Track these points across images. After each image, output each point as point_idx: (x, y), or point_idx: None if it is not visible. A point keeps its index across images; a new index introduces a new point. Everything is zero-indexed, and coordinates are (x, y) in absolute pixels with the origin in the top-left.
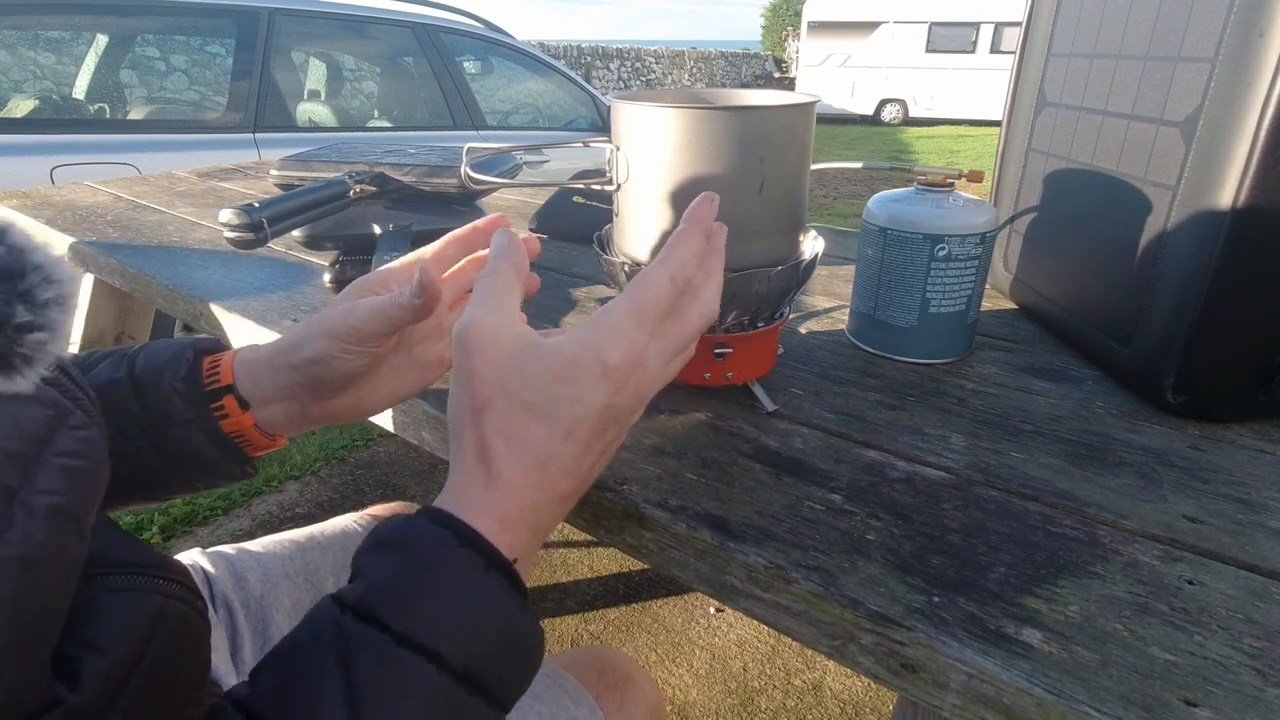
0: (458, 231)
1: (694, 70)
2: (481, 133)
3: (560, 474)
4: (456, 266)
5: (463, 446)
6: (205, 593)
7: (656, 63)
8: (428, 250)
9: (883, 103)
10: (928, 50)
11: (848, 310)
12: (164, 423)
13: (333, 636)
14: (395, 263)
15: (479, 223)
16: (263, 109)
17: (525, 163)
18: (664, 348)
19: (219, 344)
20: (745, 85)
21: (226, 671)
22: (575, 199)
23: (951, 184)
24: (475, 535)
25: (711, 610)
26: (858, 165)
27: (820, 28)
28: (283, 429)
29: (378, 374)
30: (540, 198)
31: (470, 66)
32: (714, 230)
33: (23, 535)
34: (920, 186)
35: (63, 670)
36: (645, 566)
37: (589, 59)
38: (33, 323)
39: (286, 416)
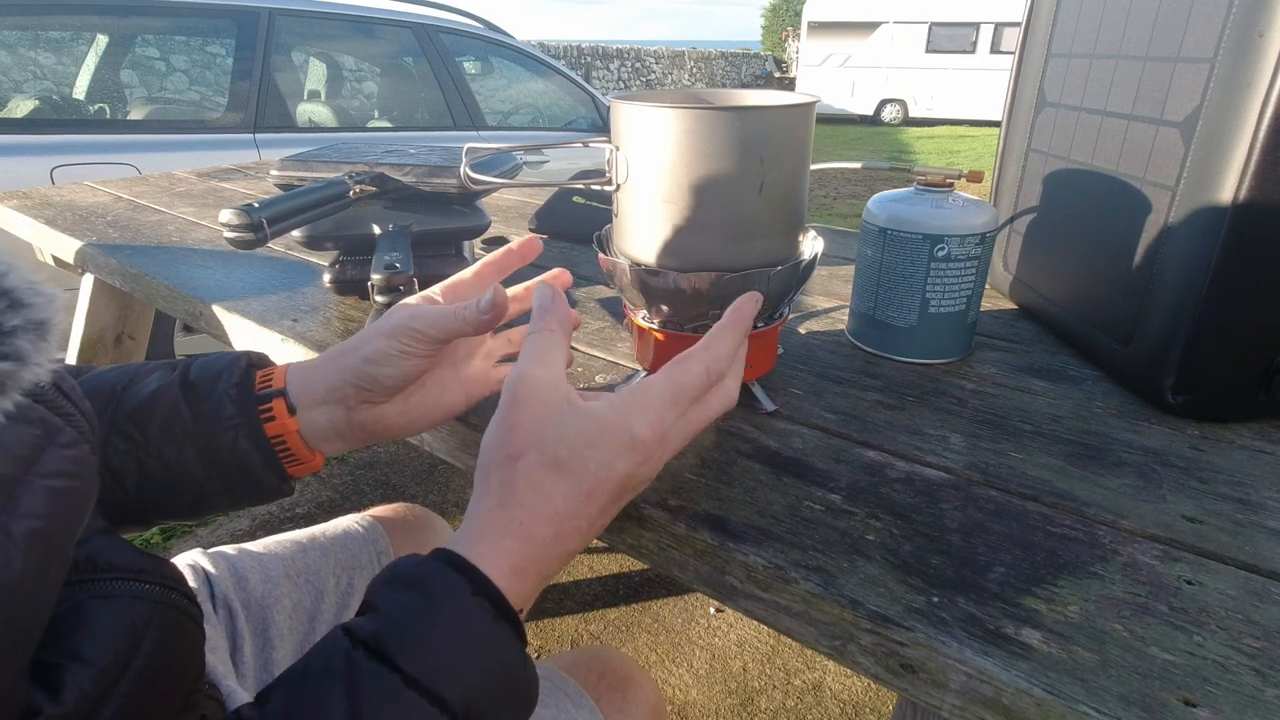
0: (491, 256)
1: (694, 70)
2: (481, 133)
3: (572, 532)
4: (514, 291)
5: (488, 489)
6: (205, 593)
7: (656, 63)
8: (468, 273)
9: (883, 103)
10: (928, 50)
11: (847, 310)
12: (212, 426)
13: (343, 669)
14: (437, 286)
15: (511, 245)
16: (263, 109)
17: (525, 163)
18: (685, 427)
19: (268, 359)
20: (745, 85)
21: (226, 672)
22: (575, 199)
23: (951, 184)
24: (488, 583)
25: (711, 610)
26: (858, 165)
27: (820, 28)
28: (326, 441)
29: (424, 387)
30: (540, 198)
31: (470, 67)
32: (750, 328)
33: (1, 562)
34: (920, 186)
35: (44, 679)
36: (645, 566)
37: (589, 59)
38: None
39: (331, 424)
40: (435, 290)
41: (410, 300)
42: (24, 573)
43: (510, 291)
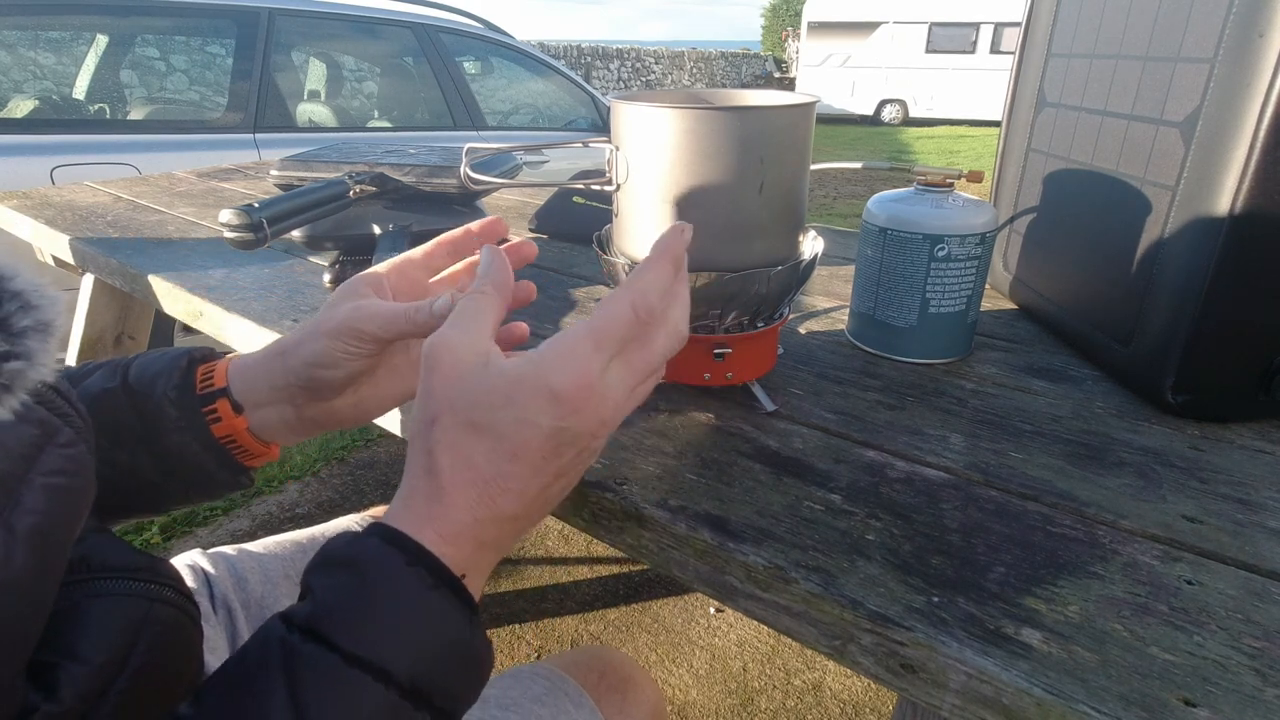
0: (448, 234)
1: (694, 70)
2: (481, 133)
3: (504, 493)
4: (449, 272)
5: (414, 458)
6: (205, 593)
7: (656, 63)
8: (418, 252)
9: (883, 103)
10: (928, 50)
11: (847, 310)
12: (158, 431)
13: (281, 656)
14: (384, 264)
15: (471, 226)
16: (263, 109)
17: (525, 163)
18: (627, 373)
19: (214, 352)
20: (745, 85)
21: None
22: (575, 199)
23: (951, 184)
24: (423, 552)
25: (711, 610)
26: (858, 165)
27: (820, 28)
28: (279, 435)
29: (375, 377)
30: (540, 198)
31: (470, 67)
32: (680, 259)
33: (2, 558)
34: (920, 186)
35: (40, 678)
36: (645, 566)
37: (589, 59)
38: (9, 352)
39: (281, 420)
40: (382, 268)
41: (358, 279)
42: (26, 569)
43: (449, 271)
